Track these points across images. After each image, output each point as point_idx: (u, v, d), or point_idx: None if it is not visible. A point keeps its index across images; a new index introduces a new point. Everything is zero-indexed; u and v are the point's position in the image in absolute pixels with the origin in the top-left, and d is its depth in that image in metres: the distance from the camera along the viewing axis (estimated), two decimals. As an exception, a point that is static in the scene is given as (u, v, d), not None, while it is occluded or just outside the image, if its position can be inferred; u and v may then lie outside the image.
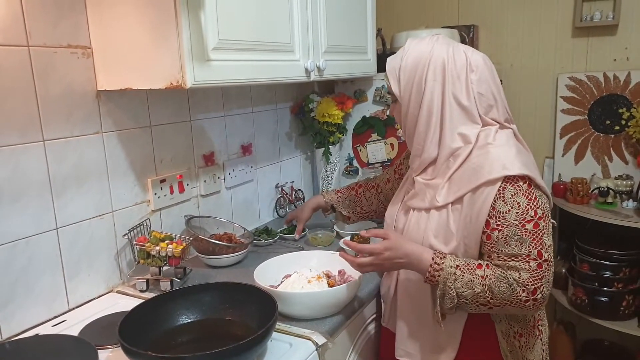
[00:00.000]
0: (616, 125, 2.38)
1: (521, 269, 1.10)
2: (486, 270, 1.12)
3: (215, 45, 1.31)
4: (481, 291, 1.11)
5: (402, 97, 1.25)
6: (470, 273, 1.12)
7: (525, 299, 1.09)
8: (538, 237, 1.10)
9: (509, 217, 1.11)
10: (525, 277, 1.09)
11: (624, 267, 2.19)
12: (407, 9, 2.82)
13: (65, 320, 1.35)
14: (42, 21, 1.28)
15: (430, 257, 1.15)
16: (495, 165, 1.13)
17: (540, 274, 1.09)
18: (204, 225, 1.83)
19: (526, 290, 1.09)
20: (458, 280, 1.12)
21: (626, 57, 2.36)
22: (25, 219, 1.28)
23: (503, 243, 1.12)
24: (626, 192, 2.27)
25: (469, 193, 1.15)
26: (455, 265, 1.13)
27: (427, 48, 1.22)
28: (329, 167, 2.37)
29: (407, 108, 1.24)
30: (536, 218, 1.11)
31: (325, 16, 1.81)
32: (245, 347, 1.02)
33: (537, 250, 1.10)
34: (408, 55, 1.23)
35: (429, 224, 1.21)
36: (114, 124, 1.49)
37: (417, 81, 1.21)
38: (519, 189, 1.12)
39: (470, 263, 1.14)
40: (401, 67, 1.24)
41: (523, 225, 1.10)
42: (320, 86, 2.48)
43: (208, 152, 1.85)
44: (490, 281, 1.10)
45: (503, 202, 1.12)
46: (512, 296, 1.10)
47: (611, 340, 2.51)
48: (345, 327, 1.36)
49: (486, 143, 1.17)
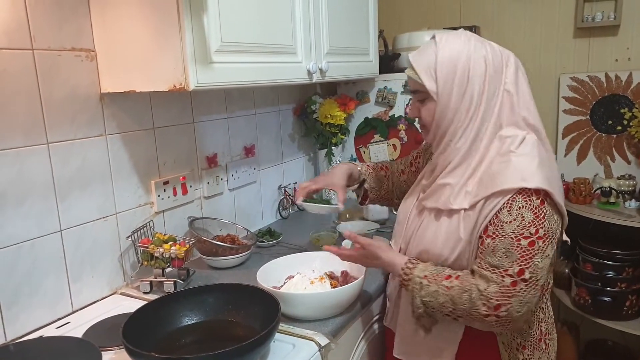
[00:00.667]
0: (618, 125, 2.38)
1: (491, 281, 1.06)
2: (453, 281, 1.11)
3: (218, 47, 1.32)
4: (444, 301, 1.10)
5: (441, 94, 1.15)
6: (436, 283, 1.12)
7: (486, 313, 1.06)
8: (529, 255, 1.05)
9: (507, 229, 1.07)
10: (492, 290, 1.05)
11: (627, 267, 2.19)
12: (409, 10, 2.82)
13: (69, 322, 1.36)
14: (46, 25, 1.29)
15: (401, 266, 1.18)
16: (514, 176, 1.08)
17: (511, 291, 1.05)
18: (207, 226, 1.83)
19: (487, 305, 1.05)
20: (424, 289, 1.12)
21: (628, 57, 2.36)
22: (29, 222, 1.29)
23: (490, 251, 1.08)
24: (629, 192, 2.26)
25: (482, 200, 1.11)
26: (423, 275, 1.14)
27: (464, 42, 1.15)
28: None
29: (447, 105, 1.15)
30: (535, 236, 1.06)
31: (327, 18, 1.82)
32: (249, 348, 1.03)
33: (519, 267, 1.05)
34: (444, 50, 1.15)
35: (440, 229, 1.18)
36: (118, 126, 1.50)
37: (460, 76, 1.13)
38: (530, 203, 1.06)
39: (440, 273, 1.13)
40: (438, 63, 1.15)
41: (518, 240, 1.06)
42: (323, 88, 2.49)
43: (211, 154, 1.86)
44: (454, 292, 1.09)
45: (508, 213, 1.07)
46: (472, 309, 1.07)
47: (615, 341, 2.50)
48: (348, 328, 1.36)
49: (509, 150, 1.11)
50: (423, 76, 1.17)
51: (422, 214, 1.26)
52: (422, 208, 1.26)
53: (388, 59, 2.33)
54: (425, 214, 1.24)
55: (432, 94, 1.16)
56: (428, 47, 1.19)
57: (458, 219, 1.15)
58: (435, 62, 1.15)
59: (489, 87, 1.13)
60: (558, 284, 2.49)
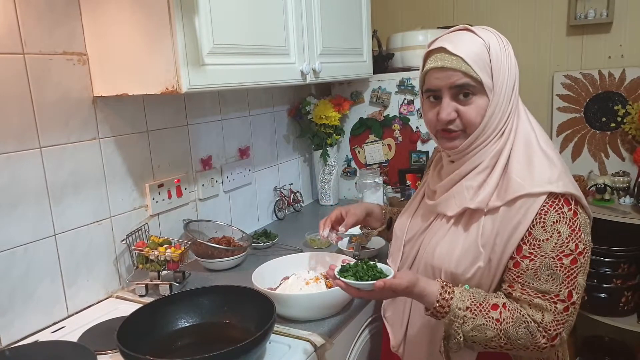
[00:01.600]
0: (612, 122, 2.39)
1: (546, 309, 0.98)
2: (503, 312, 0.99)
3: (210, 49, 1.32)
4: (494, 336, 0.99)
5: (497, 89, 1.04)
6: (483, 316, 0.99)
7: (544, 345, 0.99)
8: (573, 275, 0.98)
9: (545, 247, 0.98)
10: (549, 320, 0.98)
11: (623, 263, 2.20)
12: (403, 10, 2.83)
13: (65, 326, 1.36)
14: (37, 29, 1.29)
15: (436, 298, 1.01)
16: (540, 178, 0.99)
17: (564, 317, 0.98)
18: (203, 229, 1.83)
19: (547, 336, 0.98)
20: (468, 323, 0.99)
21: (621, 55, 2.37)
22: (23, 226, 1.29)
23: (532, 275, 0.98)
24: (623, 189, 2.27)
25: (504, 206, 1.01)
26: (465, 306, 0.99)
27: (495, 34, 1.07)
28: (327, 169, 2.37)
29: (502, 101, 1.04)
30: (576, 253, 0.98)
31: (320, 19, 1.82)
32: (244, 350, 1.03)
33: (568, 290, 0.97)
34: (492, 43, 1.04)
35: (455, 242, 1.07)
36: (111, 129, 1.50)
37: (508, 72, 1.04)
38: (563, 215, 0.98)
39: (484, 303, 1.00)
40: (492, 55, 1.03)
41: (560, 259, 0.97)
42: (317, 88, 2.49)
43: (206, 156, 1.86)
44: (507, 325, 0.98)
45: (542, 229, 0.98)
46: (530, 342, 0.99)
47: (611, 337, 2.51)
48: (344, 328, 1.36)
49: (531, 151, 1.04)
50: (477, 68, 1.02)
51: (431, 227, 1.15)
52: (430, 219, 1.15)
53: (382, 59, 2.33)
54: (436, 225, 1.14)
55: (486, 89, 1.04)
56: (467, 37, 1.05)
57: (477, 228, 1.04)
58: (488, 54, 1.03)
59: (516, 83, 1.07)
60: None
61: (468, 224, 1.07)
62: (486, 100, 1.04)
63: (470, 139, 1.07)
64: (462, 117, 1.06)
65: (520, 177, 1.01)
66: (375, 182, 2.09)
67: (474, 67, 1.02)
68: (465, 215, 1.08)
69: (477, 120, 1.05)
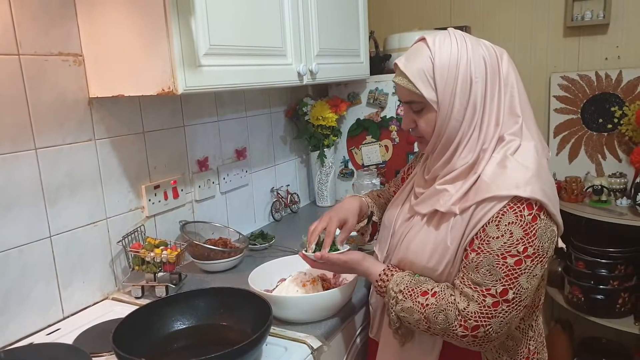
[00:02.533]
0: (609, 123, 2.40)
1: (472, 300, 1.01)
2: (429, 298, 1.05)
3: (207, 50, 1.32)
4: (419, 319, 1.06)
5: (442, 102, 1.06)
6: (412, 299, 1.07)
7: (462, 334, 1.02)
8: (514, 275, 0.99)
9: (494, 245, 1.00)
10: (472, 310, 1.00)
11: (619, 264, 2.20)
12: (400, 11, 2.83)
13: (60, 328, 1.35)
14: (33, 30, 1.28)
15: (375, 278, 1.17)
16: (507, 182, 1.01)
17: (492, 312, 1.00)
18: (199, 230, 1.82)
19: (464, 325, 1.01)
20: (399, 304, 1.09)
21: (617, 56, 2.37)
22: (18, 228, 1.28)
23: (474, 268, 1.02)
24: (620, 190, 2.28)
25: (474, 206, 1.04)
26: (399, 289, 1.10)
27: (460, 42, 1.06)
28: (324, 170, 2.37)
29: (450, 113, 1.06)
30: (523, 255, 0.99)
31: (316, 20, 1.82)
32: (240, 352, 1.02)
33: (503, 287, 0.99)
34: (441, 54, 1.05)
35: (428, 238, 1.12)
36: (107, 131, 1.49)
37: (462, 82, 1.04)
38: (521, 218, 0.99)
39: (417, 288, 1.08)
40: (435, 68, 1.05)
41: (504, 258, 0.99)
42: (314, 89, 2.49)
43: (202, 158, 1.85)
44: (429, 310, 1.04)
45: (496, 227, 1.01)
46: (448, 329, 1.03)
47: (608, 338, 2.52)
48: (340, 330, 1.36)
49: (505, 157, 1.05)
50: (419, 84, 1.06)
51: (410, 221, 1.19)
52: (412, 215, 1.20)
53: (379, 60, 2.33)
54: (414, 221, 1.18)
55: (431, 103, 1.07)
56: (420, 51, 1.09)
57: (447, 227, 1.08)
58: (432, 68, 1.05)
59: (490, 89, 1.07)
60: (551, 282, 2.50)
61: (440, 222, 1.11)
62: (434, 113, 1.08)
63: (429, 146, 1.13)
64: (417, 127, 1.14)
65: (490, 179, 1.04)
66: (372, 184, 2.09)
67: (416, 83, 1.07)
68: (437, 214, 1.12)
69: (428, 131, 1.11)
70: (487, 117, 1.07)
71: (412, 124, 1.14)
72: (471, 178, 1.07)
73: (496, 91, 1.08)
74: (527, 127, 1.10)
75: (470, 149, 1.08)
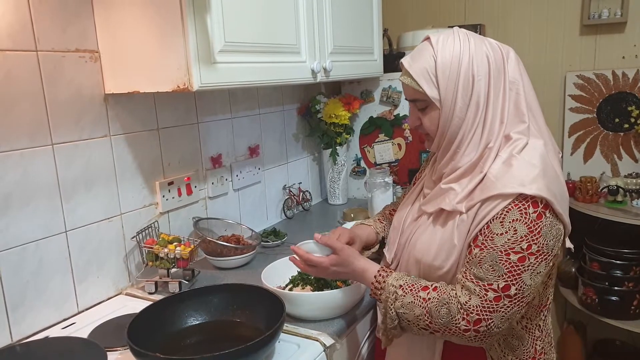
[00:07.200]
0: (625, 123, 2.36)
1: (474, 293, 1.01)
2: (431, 292, 1.05)
3: (222, 47, 1.32)
4: (420, 314, 1.04)
5: (444, 100, 1.07)
6: (412, 294, 1.06)
7: (465, 328, 1.01)
8: (517, 272, 0.99)
9: (497, 241, 1.00)
10: (474, 303, 1.00)
11: (635, 266, 2.17)
12: (414, 8, 2.81)
13: (75, 322, 1.36)
14: (50, 26, 1.29)
15: (373, 274, 1.13)
16: (513, 181, 1.01)
17: (493, 306, 0.99)
18: (212, 227, 1.83)
19: (467, 319, 1.00)
20: (399, 300, 1.07)
21: (635, 55, 2.34)
22: (34, 223, 1.30)
23: (477, 263, 1.02)
24: (636, 191, 2.24)
25: (478, 204, 1.04)
26: (398, 284, 1.08)
27: (463, 41, 1.07)
28: (337, 168, 2.37)
29: (453, 111, 1.07)
30: (526, 252, 0.99)
31: (331, 17, 1.81)
32: (254, 349, 1.03)
33: (505, 283, 0.99)
34: (443, 52, 1.06)
35: (434, 236, 1.12)
36: (122, 127, 1.50)
37: (464, 79, 1.05)
38: (526, 216, 0.99)
39: (417, 284, 1.07)
40: (438, 66, 1.06)
41: (507, 254, 0.99)
42: (327, 87, 2.48)
43: (215, 154, 1.86)
44: (432, 304, 1.03)
45: (500, 224, 1.00)
46: (450, 323, 1.02)
47: (622, 340, 2.49)
48: (353, 328, 1.36)
49: (511, 155, 1.05)
50: (422, 83, 1.08)
51: (418, 221, 1.19)
52: (420, 214, 1.19)
53: (392, 58, 2.32)
54: (421, 220, 1.18)
55: (434, 101, 1.09)
56: (423, 50, 1.10)
57: (453, 225, 1.08)
58: (434, 66, 1.07)
59: (494, 87, 1.06)
60: (564, 283, 2.48)
61: (446, 221, 1.10)
62: (438, 111, 1.10)
63: (435, 144, 1.15)
64: (422, 124, 1.15)
65: (496, 177, 1.04)
66: (384, 182, 2.08)
67: (420, 81, 1.09)
68: (444, 213, 1.12)
69: (433, 129, 1.13)
70: (490, 114, 1.07)
71: (417, 122, 1.16)
72: (477, 177, 1.07)
73: (500, 89, 1.07)
74: (535, 125, 1.10)
75: (473, 147, 1.08)
